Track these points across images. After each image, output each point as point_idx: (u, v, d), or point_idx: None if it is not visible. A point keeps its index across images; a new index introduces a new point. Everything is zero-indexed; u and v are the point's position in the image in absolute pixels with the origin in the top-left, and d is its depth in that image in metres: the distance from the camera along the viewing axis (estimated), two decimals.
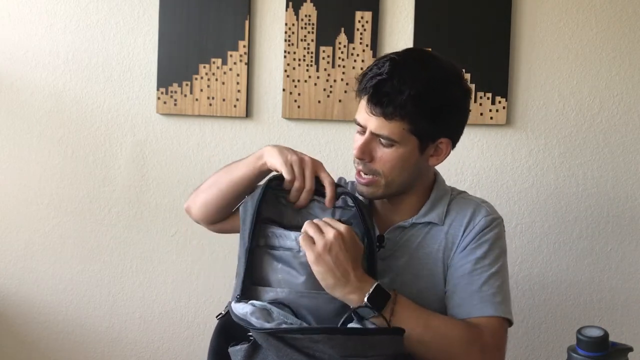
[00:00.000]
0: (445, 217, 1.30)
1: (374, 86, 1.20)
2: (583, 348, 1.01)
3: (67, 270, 1.97)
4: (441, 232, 1.29)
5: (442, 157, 1.29)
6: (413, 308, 1.17)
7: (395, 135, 1.21)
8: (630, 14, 1.84)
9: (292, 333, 1.03)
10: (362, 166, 1.26)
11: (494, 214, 1.31)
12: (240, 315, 1.09)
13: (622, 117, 1.86)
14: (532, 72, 1.86)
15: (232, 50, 1.89)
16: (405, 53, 1.26)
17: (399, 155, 1.23)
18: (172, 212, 1.94)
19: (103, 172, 1.95)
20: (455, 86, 1.25)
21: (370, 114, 1.22)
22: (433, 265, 1.28)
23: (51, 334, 1.98)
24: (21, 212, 1.96)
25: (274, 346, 1.04)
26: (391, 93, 1.18)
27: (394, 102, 1.18)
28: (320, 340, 1.02)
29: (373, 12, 1.86)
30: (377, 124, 1.21)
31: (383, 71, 1.20)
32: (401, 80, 1.18)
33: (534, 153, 1.87)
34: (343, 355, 1.02)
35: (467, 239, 1.27)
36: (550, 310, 1.89)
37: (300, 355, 1.02)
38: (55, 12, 1.93)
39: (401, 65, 1.20)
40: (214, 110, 1.89)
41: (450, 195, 1.34)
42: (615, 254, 1.88)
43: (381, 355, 1.04)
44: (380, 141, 1.23)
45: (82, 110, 1.94)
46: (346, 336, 1.03)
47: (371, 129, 1.23)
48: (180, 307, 1.96)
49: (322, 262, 1.11)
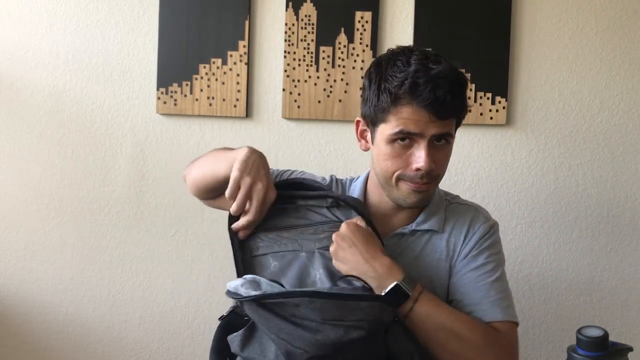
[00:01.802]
0: (445, 224, 1.29)
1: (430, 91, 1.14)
2: (583, 348, 1.01)
3: (67, 270, 1.97)
4: (442, 240, 1.28)
5: None
6: (434, 305, 1.15)
7: (452, 130, 1.21)
8: (630, 14, 1.84)
9: (273, 298, 1.04)
10: (427, 178, 1.20)
11: (490, 219, 1.31)
12: (232, 290, 1.11)
13: (622, 117, 1.86)
14: (532, 72, 1.86)
15: (232, 50, 1.89)
16: (421, 51, 1.20)
17: (450, 150, 1.23)
18: (172, 212, 1.94)
19: (103, 172, 1.95)
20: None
21: (431, 119, 1.15)
22: (434, 274, 1.27)
23: (51, 334, 1.98)
24: (21, 212, 1.96)
25: (263, 317, 1.05)
26: (446, 94, 1.14)
27: (453, 101, 1.16)
28: (301, 304, 1.03)
29: (373, 12, 1.86)
30: (438, 126, 1.16)
31: (437, 73, 1.14)
32: (446, 80, 1.15)
33: (534, 153, 1.87)
34: (324, 318, 1.02)
35: (468, 247, 1.26)
36: (550, 310, 1.89)
37: (289, 324, 1.03)
38: (55, 12, 1.93)
39: (437, 61, 1.17)
40: (214, 110, 1.89)
41: (445, 199, 1.33)
42: (615, 254, 1.88)
43: (362, 320, 1.04)
44: (433, 143, 1.19)
45: (82, 110, 1.94)
46: (326, 300, 1.03)
47: (433, 133, 1.17)
48: (180, 307, 1.96)
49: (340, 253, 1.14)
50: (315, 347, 1.02)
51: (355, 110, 1.87)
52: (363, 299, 1.06)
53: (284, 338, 1.04)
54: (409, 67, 1.16)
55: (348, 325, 1.03)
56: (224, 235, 2.01)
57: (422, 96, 1.14)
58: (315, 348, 1.02)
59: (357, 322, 1.03)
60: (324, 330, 1.02)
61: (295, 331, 1.03)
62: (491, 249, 1.27)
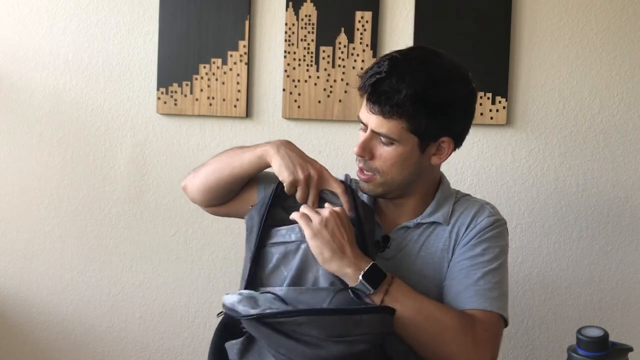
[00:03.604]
0: (450, 217, 1.30)
1: (372, 84, 1.20)
2: (583, 348, 1.01)
3: (67, 270, 1.97)
4: (445, 231, 1.29)
5: (445, 156, 1.28)
6: (408, 290, 1.17)
7: (394, 134, 1.21)
8: (630, 14, 1.84)
9: (275, 317, 1.03)
10: (363, 163, 1.27)
11: (497, 215, 1.31)
12: (229, 306, 1.10)
13: (622, 117, 1.86)
14: (532, 72, 1.86)
15: (232, 50, 1.89)
16: (407, 51, 1.26)
17: (399, 154, 1.23)
18: (172, 212, 1.94)
19: (103, 172, 1.95)
20: (458, 85, 1.24)
21: (370, 112, 1.22)
22: (438, 264, 1.28)
23: (51, 334, 1.98)
24: (21, 212, 1.96)
25: (264, 334, 1.04)
26: (389, 91, 1.18)
27: (391, 100, 1.18)
28: (304, 323, 1.02)
29: (373, 12, 1.86)
30: (376, 122, 1.22)
31: (382, 69, 1.20)
32: (400, 79, 1.18)
33: (534, 153, 1.87)
34: (329, 335, 1.02)
35: (469, 236, 1.27)
36: (550, 310, 1.89)
37: (290, 341, 1.02)
38: (55, 12, 1.93)
39: (401, 63, 1.20)
40: (214, 110, 1.89)
41: (455, 197, 1.34)
42: (615, 254, 1.88)
43: (367, 334, 1.04)
44: (380, 139, 1.23)
45: (82, 111, 1.94)
46: (330, 316, 1.03)
47: (371, 127, 1.23)
48: (180, 307, 1.96)
49: (319, 235, 1.14)
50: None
51: (355, 110, 1.87)
52: (367, 311, 1.07)
53: (284, 353, 1.03)
54: (378, 61, 1.24)
55: (352, 340, 1.03)
56: (224, 235, 2.02)
57: (364, 87, 1.22)
58: None
59: (362, 337, 1.03)
60: (327, 346, 1.02)
61: (296, 347, 1.02)
62: (491, 242, 1.27)
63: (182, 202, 1.93)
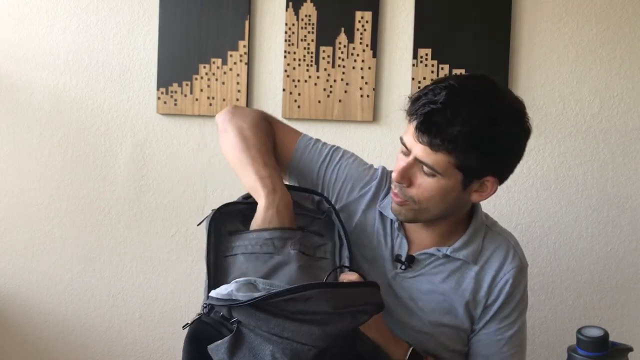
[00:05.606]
0: (479, 255, 1.27)
1: (425, 114, 1.12)
2: (583, 348, 1.01)
3: (67, 270, 1.97)
4: (472, 271, 1.26)
5: (487, 194, 1.21)
6: None
7: (439, 167, 1.14)
8: (630, 14, 1.84)
9: (284, 295, 1.01)
10: (399, 189, 1.20)
11: (522, 260, 1.29)
12: (224, 296, 1.05)
13: (622, 117, 1.86)
14: (532, 72, 1.86)
15: (232, 50, 1.89)
16: (464, 81, 1.19)
17: (440, 187, 1.16)
18: (172, 212, 1.94)
19: (103, 172, 1.95)
20: (514, 125, 1.17)
21: (416, 140, 1.14)
22: (457, 302, 1.26)
23: (51, 334, 1.98)
24: (21, 212, 1.96)
25: (262, 320, 1.02)
26: (442, 124, 1.11)
27: (443, 134, 1.11)
28: (312, 296, 1.01)
29: (373, 12, 1.86)
30: (422, 151, 1.14)
31: (438, 100, 1.12)
32: (455, 113, 1.11)
33: (533, 153, 1.87)
34: (336, 307, 1.02)
35: (498, 302, 1.26)
36: (550, 310, 1.90)
37: (294, 323, 1.02)
38: (55, 12, 1.93)
39: (458, 95, 1.13)
40: (214, 110, 1.89)
41: (485, 226, 1.30)
42: (615, 254, 1.88)
43: (367, 304, 1.05)
44: (422, 168, 1.16)
45: (82, 111, 1.94)
46: (336, 289, 1.04)
47: (415, 155, 1.15)
48: (180, 307, 1.96)
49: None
50: (323, 339, 1.02)
51: (355, 110, 1.87)
52: (362, 285, 1.09)
53: (288, 337, 1.02)
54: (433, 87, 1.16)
55: (357, 310, 1.04)
56: None
57: (415, 115, 1.14)
58: (322, 341, 1.02)
59: (364, 307, 1.04)
60: (332, 320, 1.02)
61: (300, 328, 1.02)
62: (517, 299, 1.26)
63: (182, 202, 1.93)
